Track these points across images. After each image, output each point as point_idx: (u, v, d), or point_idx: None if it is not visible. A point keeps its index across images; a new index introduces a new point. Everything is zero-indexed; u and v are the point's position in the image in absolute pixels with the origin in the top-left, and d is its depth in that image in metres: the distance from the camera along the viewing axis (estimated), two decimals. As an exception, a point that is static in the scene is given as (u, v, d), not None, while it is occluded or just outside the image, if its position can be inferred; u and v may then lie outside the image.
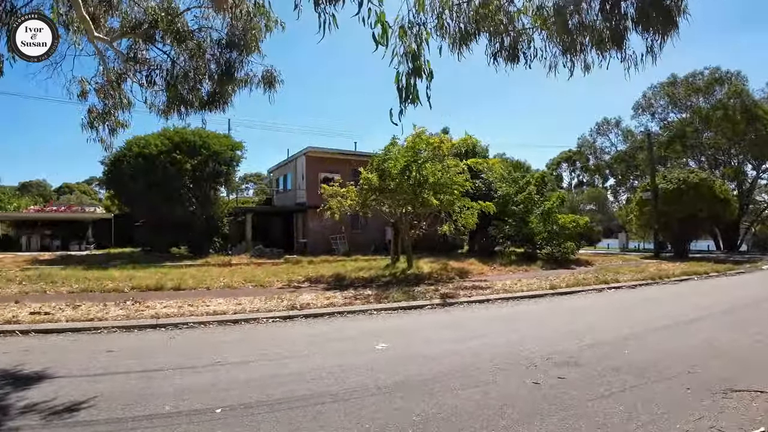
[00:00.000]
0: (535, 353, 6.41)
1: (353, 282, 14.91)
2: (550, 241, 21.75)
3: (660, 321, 8.68)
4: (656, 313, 9.71)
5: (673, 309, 10.16)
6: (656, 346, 6.84)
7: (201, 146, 24.66)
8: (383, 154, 17.04)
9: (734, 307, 10.05)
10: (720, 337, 7.34)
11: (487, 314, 10.05)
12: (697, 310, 9.87)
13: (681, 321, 8.63)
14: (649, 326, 8.25)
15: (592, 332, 7.81)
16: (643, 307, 10.60)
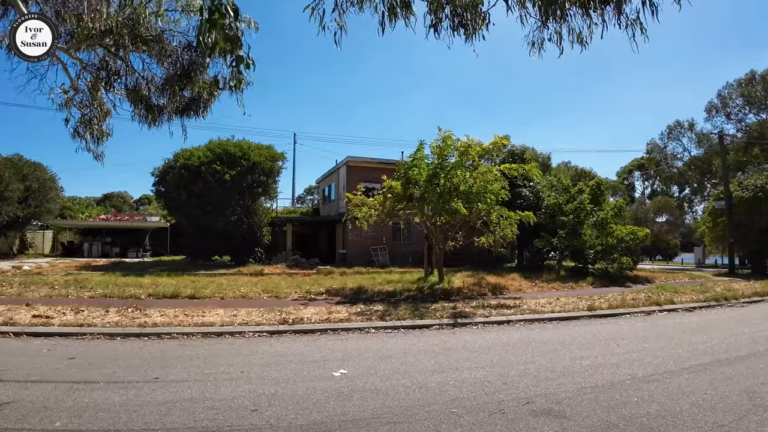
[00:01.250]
0: (515, 394, 5.33)
1: (373, 296, 14.12)
2: (604, 255, 19.78)
3: (698, 357, 7.13)
4: (700, 345, 8.07)
5: (723, 341, 8.41)
6: (677, 394, 5.40)
7: (241, 157, 24.77)
8: (410, 161, 15.96)
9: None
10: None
11: (495, 339, 8.81)
12: (753, 343, 8.11)
13: (724, 359, 7.02)
14: (683, 364, 6.75)
15: (604, 369, 6.46)
16: (687, 337, 8.86)
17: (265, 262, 25.76)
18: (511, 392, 5.39)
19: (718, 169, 35.49)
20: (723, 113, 38.17)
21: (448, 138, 15.43)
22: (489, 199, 15.75)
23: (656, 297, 13.86)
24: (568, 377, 6.05)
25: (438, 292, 15.17)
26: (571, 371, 6.36)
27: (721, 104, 38.36)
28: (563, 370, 6.40)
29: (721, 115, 38.41)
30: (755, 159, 36.27)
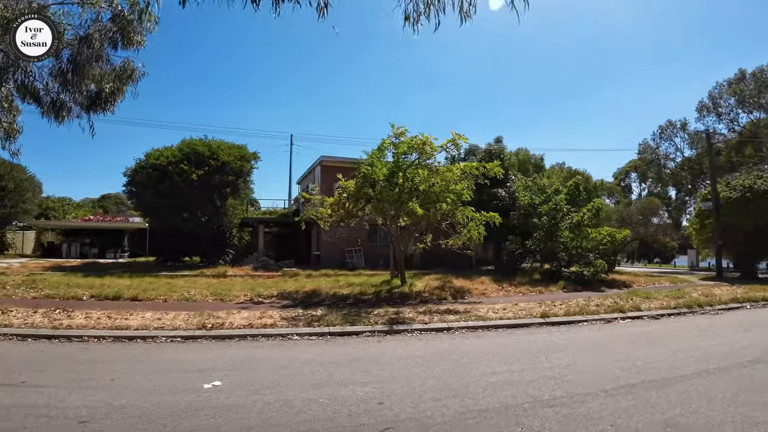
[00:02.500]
0: (383, 417, 4.65)
1: (324, 299, 13.59)
2: (578, 258, 18.86)
3: (630, 376, 6.20)
4: (640, 361, 7.12)
5: (671, 356, 7.44)
6: (575, 423, 4.53)
7: (209, 157, 24.01)
8: (368, 160, 15.10)
9: (764, 358, 7.16)
10: (702, 411, 4.87)
11: (418, 348, 8.05)
12: (704, 360, 7.15)
13: (660, 379, 6.05)
14: (606, 384, 5.83)
15: (508, 388, 5.59)
16: (631, 351, 7.85)
17: (235, 264, 24.97)
18: (380, 414, 4.67)
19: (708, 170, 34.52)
20: (714, 113, 37.17)
21: (402, 134, 14.54)
22: (450, 199, 14.89)
23: (623, 303, 12.94)
24: (459, 398, 5.20)
25: (395, 295, 14.46)
26: (468, 391, 5.50)
27: (711, 104, 37.35)
28: (460, 389, 5.55)
29: (712, 114, 37.44)
30: (749, 159, 35.28)
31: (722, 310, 13.44)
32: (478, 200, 21.84)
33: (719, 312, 13.08)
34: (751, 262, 25.03)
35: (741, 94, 35.17)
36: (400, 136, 14.52)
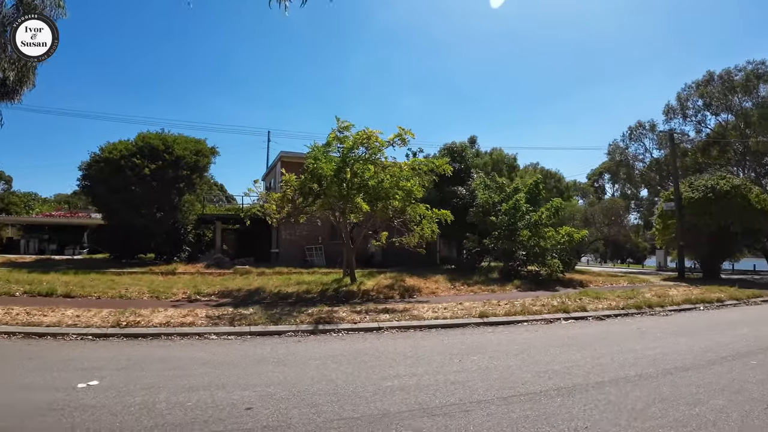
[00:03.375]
0: (237, 424, 4.32)
1: (264, 298, 13.16)
2: (535, 257, 18.50)
3: (546, 381, 5.80)
4: (561, 364, 6.74)
5: (597, 360, 7.01)
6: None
7: (163, 151, 23.21)
8: (312, 153, 14.51)
9: (695, 365, 6.69)
10: (602, 425, 4.45)
11: (330, 350, 7.62)
12: (631, 365, 6.67)
13: (575, 385, 5.64)
14: (507, 392, 5.39)
15: (396, 395, 5.17)
16: (544, 355, 7.29)
17: (192, 261, 24.22)
18: (239, 421, 4.38)
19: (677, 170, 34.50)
20: (681, 115, 37.18)
21: (347, 128, 13.98)
22: (399, 195, 14.38)
23: (571, 303, 12.56)
24: (339, 404, 4.86)
25: (341, 294, 14.05)
26: (355, 395, 5.16)
27: (679, 106, 37.38)
28: (347, 394, 5.20)
29: (679, 116, 37.46)
30: (715, 161, 35.37)
31: (673, 311, 13.12)
32: (440, 198, 21.50)
33: (669, 313, 12.75)
34: (714, 263, 24.96)
35: (709, 96, 35.22)
36: (345, 130, 13.96)
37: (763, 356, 7.17)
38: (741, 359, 6.98)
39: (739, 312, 13.46)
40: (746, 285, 20.30)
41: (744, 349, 7.69)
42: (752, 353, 7.39)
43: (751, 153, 34.57)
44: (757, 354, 7.33)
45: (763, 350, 7.64)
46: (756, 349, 7.75)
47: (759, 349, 7.69)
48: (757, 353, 7.39)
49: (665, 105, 38.37)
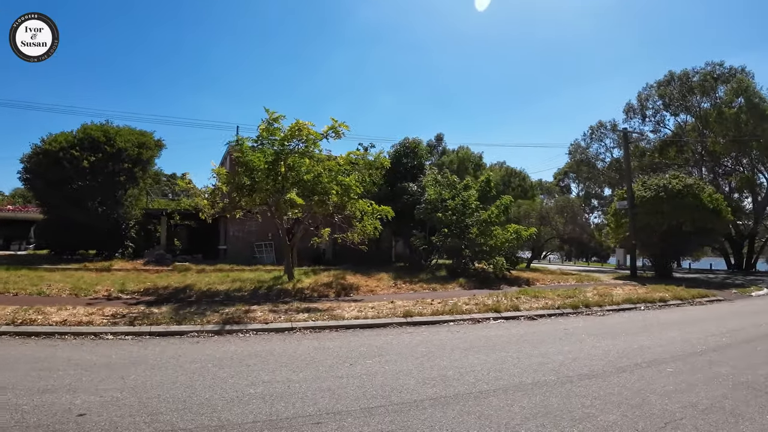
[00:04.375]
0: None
1: (191, 296, 12.57)
2: (481, 255, 18.13)
3: (428, 389, 5.33)
4: (457, 369, 6.28)
5: (499, 364, 6.55)
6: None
7: (104, 143, 22.21)
8: (238, 146, 13.84)
9: (604, 372, 6.17)
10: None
11: (230, 351, 7.19)
12: (532, 371, 6.21)
13: (458, 394, 5.14)
14: (376, 402, 4.90)
15: (253, 403, 4.67)
16: (463, 356, 6.97)
17: (137, 257, 23.30)
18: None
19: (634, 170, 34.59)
20: (640, 114, 37.30)
21: (277, 119, 13.33)
22: (335, 190, 13.82)
23: (507, 302, 12.19)
24: (172, 413, 4.30)
25: (273, 292, 13.54)
26: (201, 405, 4.55)
27: (639, 105, 37.50)
28: (193, 403, 4.59)
29: (638, 116, 37.58)
30: (673, 161, 35.59)
31: (611, 311, 12.81)
32: (391, 194, 21.01)
33: (606, 313, 12.42)
34: (666, 262, 24.96)
35: (668, 97, 35.38)
36: (276, 121, 13.31)
37: (681, 363, 6.68)
38: (657, 366, 6.50)
39: (679, 313, 13.18)
40: (698, 284, 20.24)
41: (665, 355, 7.20)
42: (672, 359, 6.92)
43: (709, 153, 34.82)
44: (676, 360, 6.85)
45: (684, 356, 7.15)
46: (678, 354, 7.29)
47: (681, 355, 7.22)
48: (676, 359, 6.92)
49: (626, 104, 38.46)
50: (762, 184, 36.87)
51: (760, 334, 9.19)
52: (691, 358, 7.05)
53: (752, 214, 37.05)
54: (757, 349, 7.77)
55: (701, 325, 10.54)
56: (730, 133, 31.01)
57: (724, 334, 9.20)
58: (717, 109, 31.86)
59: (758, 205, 36.54)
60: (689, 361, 6.79)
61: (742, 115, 30.01)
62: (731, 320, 11.49)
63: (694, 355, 7.26)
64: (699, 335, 9.02)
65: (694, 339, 8.63)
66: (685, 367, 6.47)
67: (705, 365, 6.56)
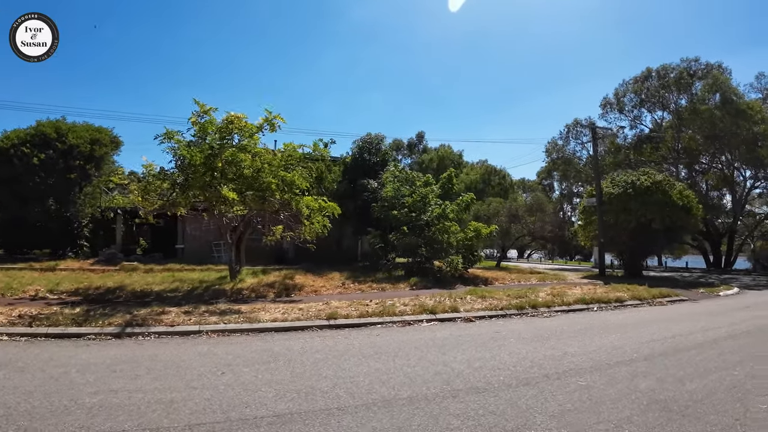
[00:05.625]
0: None
1: (119, 297, 12.21)
2: (438, 254, 17.54)
3: (273, 405, 4.73)
4: (350, 378, 5.75)
5: (397, 371, 6.05)
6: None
7: (56, 139, 21.46)
8: (167, 140, 13.14)
9: (502, 385, 5.53)
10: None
11: (109, 356, 6.68)
12: (430, 381, 5.69)
13: (330, 408, 4.65)
14: (211, 417, 4.34)
15: (71, 414, 4.15)
16: (362, 363, 6.42)
17: (93, 257, 22.55)
18: None
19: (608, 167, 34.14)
20: (616, 109, 36.84)
21: (208, 112, 12.65)
22: (274, 185, 13.18)
23: (449, 303, 11.67)
24: None
25: (208, 293, 13.14)
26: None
27: (616, 101, 37.04)
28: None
29: (615, 111, 37.12)
30: (649, 158, 35.15)
31: (560, 312, 12.23)
32: (351, 191, 20.42)
33: (554, 315, 11.84)
34: (635, 260, 24.46)
35: (646, 93, 34.95)
36: (207, 114, 12.64)
37: (599, 375, 5.95)
38: (569, 378, 5.80)
39: (632, 314, 12.52)
40: (668, 283, 19.79)
41: (586, 364, 6.51)
42: (592, 370, 6.22)
43: (686, 151, 34.40)
44: (595, 371, 6.12)
45: (608, 366, 6.41)
46: (602, 363, 6.55)
47: (605, 365, 6.48)
48: (597, 370, 6.19)
49: (602, 98, 37.98)
50: (739, 181, 36.56)
51: (707, 340, 8.42)
52: (614, 368, 6.31)
53: (731, 212, 36.74)
54: (695, 358, 6.95)
55: (648, 329, 9.79)
56: (705, 130, 30.61)
57: (667, 339, 8.48)
58: (692, 106, 31.43)
59: (736, 202, 36.22)
60: (609, 373, 6.05)
61: (716, 112, 29.61)
62: (684, 323, 10.81)
63: (620, 364, 6.52)
64: (638, 340, 8.29)
65: (630, 345, 7.87)
66: (601, 379, 5.75)
67: (626, 377, 5.83)
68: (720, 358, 6.99)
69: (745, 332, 9.45)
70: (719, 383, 5.60)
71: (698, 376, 5.91)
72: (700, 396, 5.10)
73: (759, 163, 31.87)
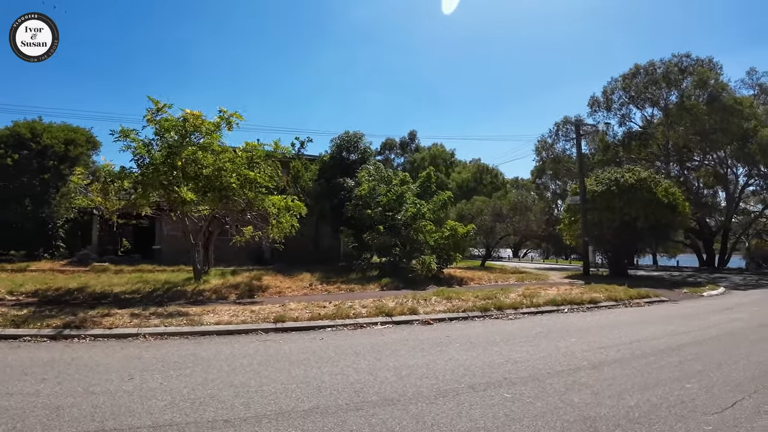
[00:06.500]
0: None
1: (76, 298, 12.00)
2: (412, 253, 17.18)
3: (147, 417, 4.40)
4: (256, 388, 5.40)
5: (286, 385, 5.55)
6: None
7: (30, 139, 21.16)
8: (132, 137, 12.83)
9: (416, 396, 5.13)
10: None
11: (26, 358, 6.54)
12: (339, 392, 5.36)
13: (203, 421, 4.32)
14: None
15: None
16: (290, 369, 6.16)
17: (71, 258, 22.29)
18: None
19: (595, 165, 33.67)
20: (605, 107, 36.35)
21: (162, 109, 12.31)
22: (236, 185, 12.86)
23: (411, 304, 11.36)
24: None
25: (168, 295, 12.94)
26: None
27: (605, 99, 36.54)
28: None
29: (602, 109, 36.63)
30: (639, 156, 34.72)
31: (528, 314, 11.85)
32: (328, 190, 20.10)
33: (520, 317, 11.47)
34: (620, 259, 24.03)
35: (636, 89, 34.48)
36: (161, 111, 12.30)
37: (533, 386, 5.46)
38: (494, 389, 5.30)
39: (602, 316, 12.08)
40: (650, 283, 19.44)
41: (524, 372, 6.05)
42: (528, 379, 5.75)
43: (675, 148, 33.91)
44: (530, 381, 5.64)
45: (548, 375, 5.94)
46: (542, 372, 6.09)
47: (544, 374, 6.00)
48: (533, 380, 5.73)
49: (590, 97, 37.51)
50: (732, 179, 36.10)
51: (670, 346, 7.82)
52: (553, 377, 5.85)
53: (725, 210, 36.28)
54: (649, 367, 6.39)
55: (611, 333, 9.23)
56: (695, 126, 30.12)
57: (627, 344, 7.93)
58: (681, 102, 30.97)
59: (730, 200, 35.74)
60: (546, 383, 5.58)
61: (703, 107, 29.15)
62: (653, 326, 10.22)
63: (562, 373, 6.05)
64: (595, 346, 7.78)
65: (582, 351, 7.37)
66: (531, 391, 5.26)
67: (561, 389, 5.34)
68: (678, 367, 6.43)
69: (714, 337, 8.84)
70: (665, 398, 5.05)
71: (644, 389, 5.36)
72: (637, 413, 4.55)
73: (750, 160, 31.33)
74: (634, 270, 28.74)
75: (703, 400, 4.98)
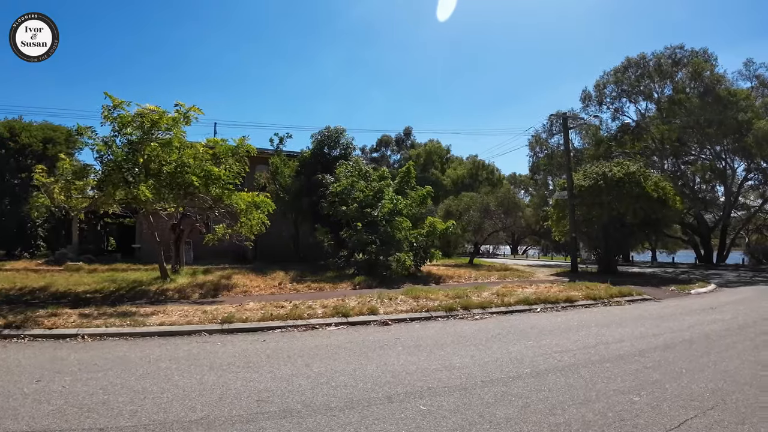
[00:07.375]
0: None
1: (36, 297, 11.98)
2: (388, 250, 16.82)
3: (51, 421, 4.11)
4: (173, 392, 5.09)
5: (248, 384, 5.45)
6: None
7: (8, 139, 20.95)
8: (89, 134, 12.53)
9: (318, 407, 5.03)
10: None
11: None
12: (276, 399, 5.11)
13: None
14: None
15: None
16: (223, 376, 5.88)
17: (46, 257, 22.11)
18: None
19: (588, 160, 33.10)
20: (596, 101, 35.72)
21: (120, 105, 11.99)
22: (197, 182, 12.55)
23: (373, 304, 11.00)
24: None
25: (130, 294, 12.70)
26: None
27: (596, 93, 35.90)
28: None
29: (594, 103, 36.00)
30: (632, 150, 34.14)
31: (497, 313, 11.45)
32: (306, 187, 19.81)
33: (487, 316, 11.07)
34: (609, 255, 23.54)
35: (629, 82, 33.88)
36: (119, 107, 11.99)
37: (458, 396, 5.02)
38: (414, 400, 4.89)
39: (574, 316, 11.51)
40: (639, 280, 19.03)
41: (454, 382, 5.54)
42: (455, 389, 5.29)
43: (668, 141, 33.25)
44: (456, 391, 5.18)
45: (479, 384, 5.44)
46: (476, 381, 5.59)
47: (477, 383, 5.51)
48: (460, 390, 5.25)
49: (582, 92, 36.88)
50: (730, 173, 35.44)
51: (633, 351, 7.25)
52: (486, 387, 5.36)
53: (723, 205, 35.67)
54: (599, 375, 5.88)
55: (575, 335, 8.64)
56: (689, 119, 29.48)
57: (586, 348, 7.41)
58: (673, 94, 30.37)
59: (728, 195, 35.11)
60: (475, 394, 5.11)
61: (695, 100, 28.54)
62: (623, 328, 9.59)
63: (496, 382, 5.57)
64: (550, 350, 7.27)
65: (532, 356, 6.88)
66: (453, 403, 4.77)
67: (488, 401, 4.86)
68: (633, 375, 5.87)
69: (686, 340, 8.17)
70: (603, 413, 4.50)
71: (583, 403, 4.83)
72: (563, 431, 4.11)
73: (747, 154, 30.67)
74: (627, 267, 28.27)
75: (646, 418, 4.43)
